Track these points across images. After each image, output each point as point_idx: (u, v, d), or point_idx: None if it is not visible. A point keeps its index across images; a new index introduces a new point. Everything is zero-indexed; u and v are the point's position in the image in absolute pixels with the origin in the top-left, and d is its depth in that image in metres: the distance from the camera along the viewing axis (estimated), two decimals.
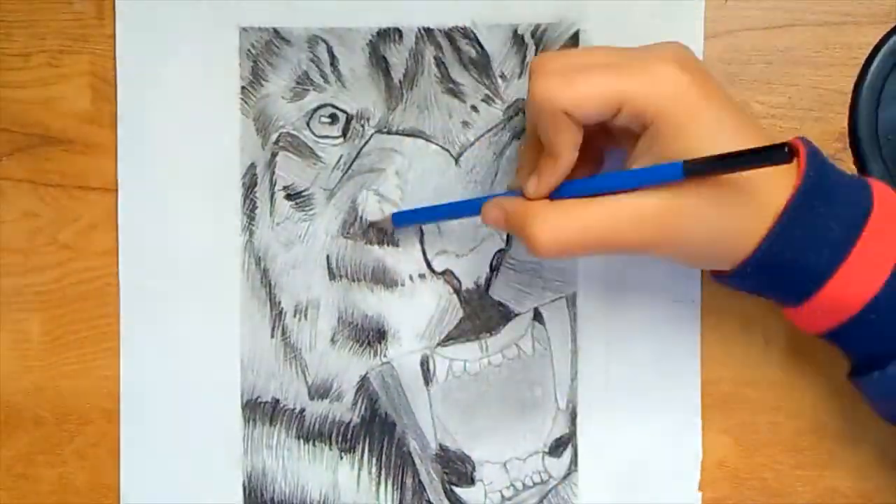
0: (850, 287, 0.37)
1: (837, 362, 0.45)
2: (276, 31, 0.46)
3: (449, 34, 0.46)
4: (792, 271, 0.38)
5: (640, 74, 0.37)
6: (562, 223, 0.38)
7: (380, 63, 0.46)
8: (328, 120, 0.46)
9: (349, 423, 0.47)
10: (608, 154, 0.42)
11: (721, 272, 0.40)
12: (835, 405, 0.46)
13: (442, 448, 0.46)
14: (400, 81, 0.46)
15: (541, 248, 0.38)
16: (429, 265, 0.46)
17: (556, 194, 0.39)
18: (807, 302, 0.38)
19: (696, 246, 0.38)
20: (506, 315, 0.46)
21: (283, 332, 0.47)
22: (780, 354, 0.46)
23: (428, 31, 0.46)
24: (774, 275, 0.38)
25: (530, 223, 0.38)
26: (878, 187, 0.38)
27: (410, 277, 0.46)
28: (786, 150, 0.33)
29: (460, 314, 0.46)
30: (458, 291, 0.46)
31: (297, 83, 0.46)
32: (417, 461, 0.47)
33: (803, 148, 0.38)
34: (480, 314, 0.46)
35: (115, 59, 0.47)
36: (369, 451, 0.47)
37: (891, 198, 0.38)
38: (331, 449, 0.47)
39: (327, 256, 0.47)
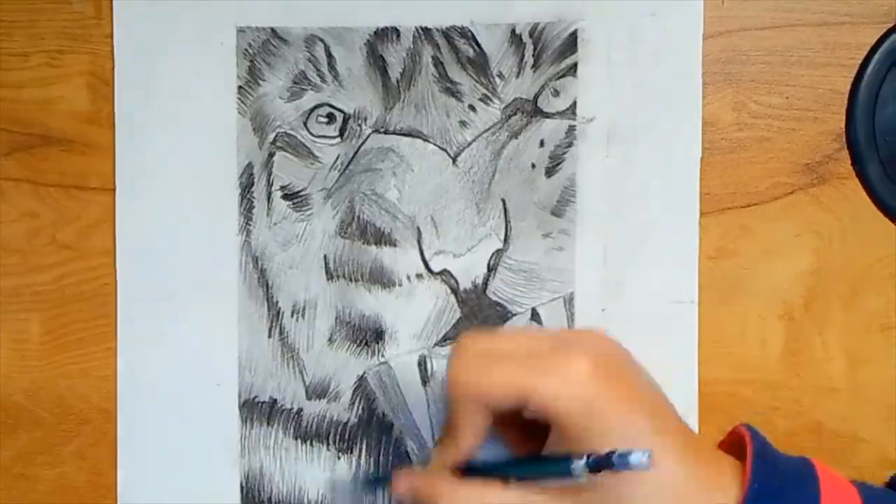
0: None
1: (835, 364, 0.46)
2: (273, 30, 0.46)
3: (447, 34, 0.46)
4: None
5: (550, 373, 0.35)
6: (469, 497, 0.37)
7: (377, 63, 0.46)
8: (325, 120, 0.46)
9: (347, 422, 0.47)
10: None
11: None
12: (832, 406, 0.46)
13: None
14: (397, 81, 0.46)
15: None
16: (426, 265, 0.46)
17: (468, 469, 0.38)
18: None
19: None
20: (503, 315, 0.46)
21: (281, 332, 0.47)
22: (778, 355, 0.46)
23: (426, 30, 0.46)
24: None
25: (436, 503, 0.37)
26: (821, 469, 0.36)
27: (408, 277, 0.46)
28: (645, 457, 0.32)
29: (458, 314, 0.46)
30: (455, 291, 0.46)
31: (295, 83, 0.46)
32: (415, 461, 0.47)
33: (749, 446, 0.36)
34: (478, 314, 0.46)
35: (113, 58, 0.47)
36: (367, 451, 0.47)
37: (833, 479, 0.36)
38: (328, 449, 0.47)
39: (325, 256, 0.47)
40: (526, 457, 0.38)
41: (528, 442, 0.39)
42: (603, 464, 0.33)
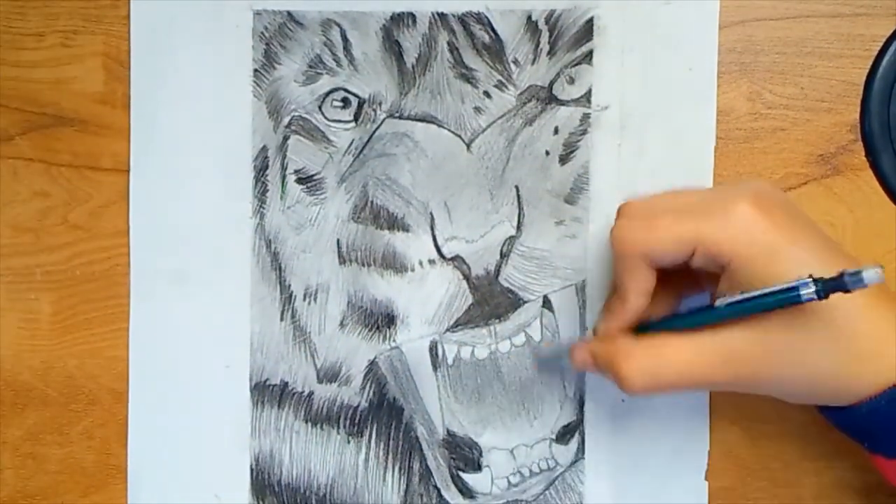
0: None
1: None
2: (289, 14, 0.46)
3: (462, 19, 0.46)
4: None
5: (714, 216, 0.37)
6: (652, 364, 0.38)
7: (393, 48, 0.46)
8: (340, 104, 0.46)
9: (357, 407, 0.47)
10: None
11: (829, 407, 0.39)
12: None
13: (449, 433, 0.46)
14: (413, 66, 0.46)
15: (633, 389, 0.38)
16: (439, 251, 0.46)
17: (643, 328, 0.40)
18: None
19: (793, 385, 0.38)
20: (515, 302, 0.46)
21: (293, 316, 0.47)
22: None
23: (442, 16, 0.46)
24: (884, 428, 0.37)
25: (620, 365, 0.38)
26: None
27: (420, 263, 0.46)
28: (879, 272, 0.33)
29: (469, 300, 0.46)
30: (467, 277, 0.46)
31: (310, 66, 0.46)
32: (425, 446, 0.47)
33: None
34: (490, 300, 0.46)
35: (128, 40, 0.47)
36: (377, 435, 0.47)
37: None
38: (338, 433, 0.47)
39: (338, 240, 0.47)
40: (701, 307, 0.39)
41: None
42: (834, 286, 0.34)
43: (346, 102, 0.46)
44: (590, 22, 0.46)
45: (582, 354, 0.42)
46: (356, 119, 0.46)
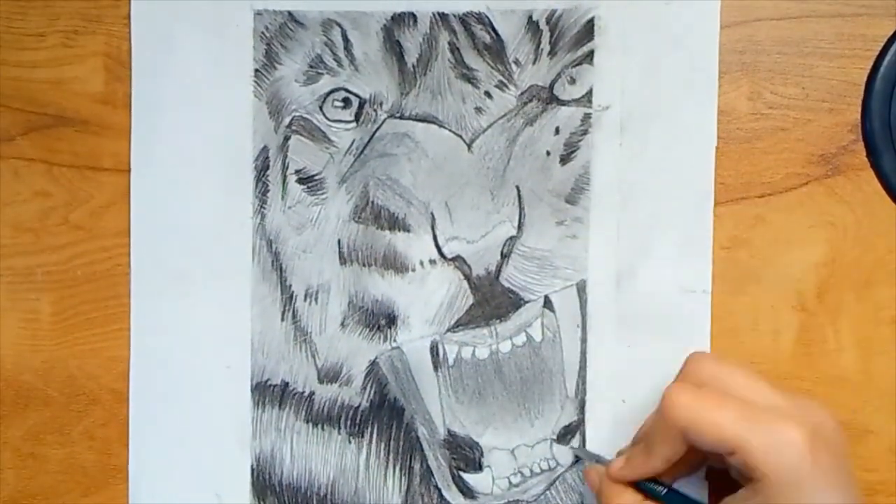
0: None
1: (847, 355, 0.46)
2: (290, 13, 0.46)
3: (463, 19, 0.46)
4: None
5: (766, 430, 0.36)
6: None
7: (394, 48, 0.46)
8: (341, 104, 0.46)
9: (358, 407, 0.47)
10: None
11: None
12: (842, 397, 0.46)
13: (450, 433, 0.46)
14: (413, 66, 0.46)
15: None
16: (440, 251, 0.46)
17: (645, 485, 0.41)
18: None
19: None
20: (516, 302, 0.46)
21: (294, 316, 0.47)
22: (789, 347, 0.46)
23: (442, 16, 0.46)
24: None
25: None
26: None
27: (421, 263, 0.46)
28: None
29: (470, 300, 0.46)
30: (468, 278, 0.46)
31: (311, 66, 0.46)
32: (425, 446, 0.47)
33: None
34: (490, 301, 0.46)
35: (129, 40, 0.47)
36: (378, 435, 0.47)
37: None
38: (339, 433, 0.47)
39: (338, 241, 0.47)
40: None
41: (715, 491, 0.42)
42: None
43: (346, 102, 0.46)
44: (591, 22, 0.46)
45: (592, 480, 0.43)
46: (357, 119, 0.46)
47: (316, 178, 0.47)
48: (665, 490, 0.41)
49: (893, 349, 0.46)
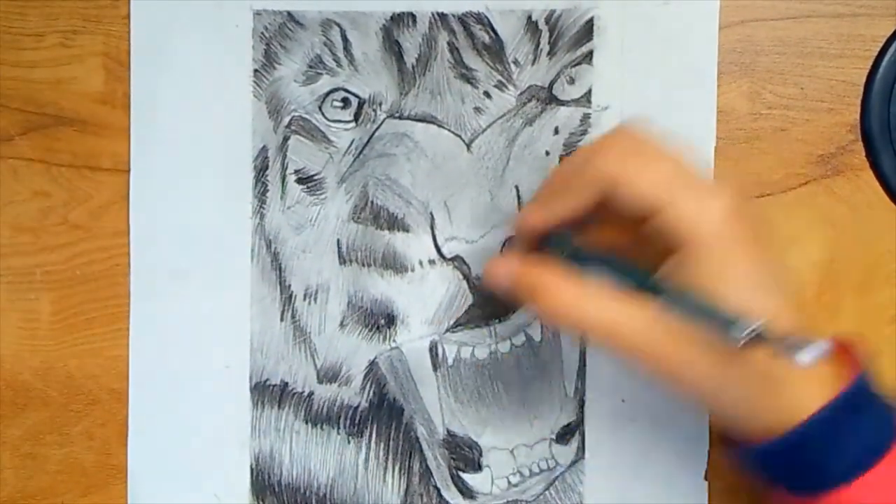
0: (867, 497, 0.35)
1: None
2: (289, 14, 0.46)
3: (463, 19, 0.46)
4: (808, 469, 0.36)
5: (692, 194, 0.35)
6: (579, 307, 0.36)
7: (393, 48, 0.46)
8: (340, 104, 0.46)
9: (357, 407, 0.47)
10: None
11: (732, 443, 0.39)
12: None
13: (449, 433, 0.46)
14: (413, 66, 0.46)
15: (555, 322, 0.39)
16: (439, 251, 0.46)
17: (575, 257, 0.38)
18: (815, 499, 0.36)
19: (707, 405, 0.38)
20: (514, 302, 0.46)
21: (293, 316, 0.47)
22: None
23: (442, 16, 0.46)
24: (790, 467, 0.37)
25: (547, 296, 0.37)
26: None
27: (420, 263, 0.46)
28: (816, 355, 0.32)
29: (469, 300, 0.46)
30: (467, 278, 0.46)
31: (310, 67, 0.46)
32: (425, 446, 0.47)
33: (851, 362, 0.37)
34: (490, 301, 0.46)
35: (128, 40, 0.47)
36: (377, 435, 0.47)
37: None
38: (338, 433, 0.47)
39: (338, 241, 0.47)
40: (637, 270, 0.37)
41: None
42: (783, 348, 0.32)
43: (346, 102, 0.46)
44: (590, 22, 0.46)
45: (502, 270, 0.39)
46: (356, 119, 0.46)
47: (315, 178, 0.47)
48: (568, 250, 0.38)
49: (893, 349, 0.45)
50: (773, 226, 0.37)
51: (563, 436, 0.46)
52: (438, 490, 0.47)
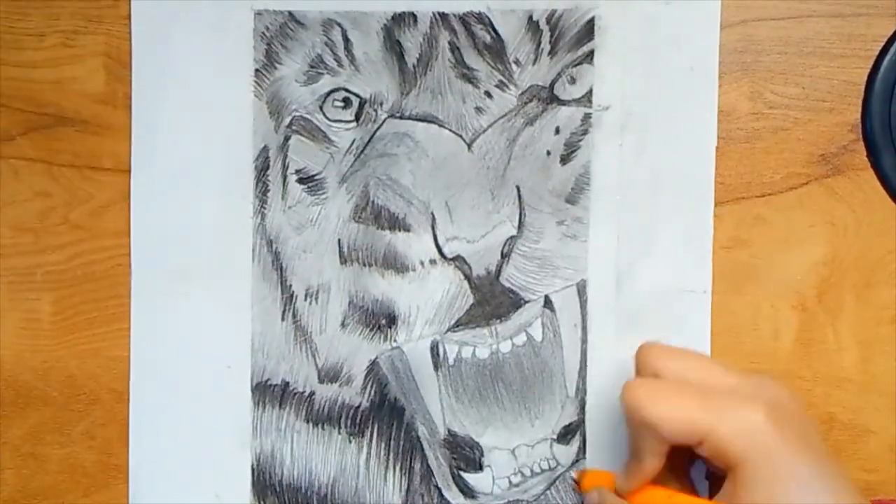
0: None
1: (847, 355, 0.46)
2: (290, 13, 0.46)
3: (464, 19, 0.46)
4: None
5: (727, 415, 0.36)
6: None
7: (394, 47, 0.46)
8: (341, 104, 0.46)
9: (358, 407, 0.47)
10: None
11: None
12: (843, 397, 0.46)
13: (450, 433, 0.46)
14: (414, 66, 0.46)
15: None
16: (440, 251, 0.46)
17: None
18: None
19: None
20: (516, 302, 0.46)
21: (294, 316, 0.47)
22: (789, 346, 0.46)
23: (443, 15, 0.46)
24: None
25: None
26: None
27: (421, 263, 0.46)
28: None
29: (471, 300, 0.46)
30: (468, 277, 0.46)
31: (311, 66, 0.46)
32: (426, 446, 0.47)
33: None
34: (491, 301, 0.46)
35: (129, 40, 0.47)
36: (378, 435, 0.47)
37: None
38: (339, 433, 0.47)
39: (339, 240, 0.47)
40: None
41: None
42: None
43: (347, 102, 0.46)
44: (591, 22, 0.46)
45: (594, 496, 0.43)
46: (357, 119, 0.46)
47: (316, 177, 0.47)
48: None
49: (893, 349, 0.46)
50: (814, 422, 0.38)
51: (565, 436, 0.46)
52: (439, 490, 0.47)
